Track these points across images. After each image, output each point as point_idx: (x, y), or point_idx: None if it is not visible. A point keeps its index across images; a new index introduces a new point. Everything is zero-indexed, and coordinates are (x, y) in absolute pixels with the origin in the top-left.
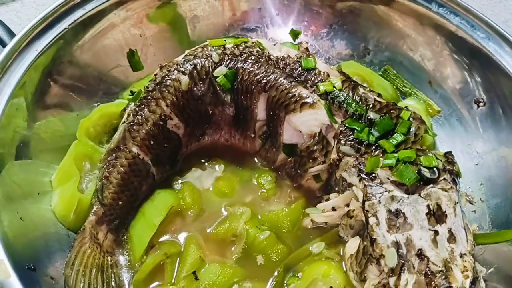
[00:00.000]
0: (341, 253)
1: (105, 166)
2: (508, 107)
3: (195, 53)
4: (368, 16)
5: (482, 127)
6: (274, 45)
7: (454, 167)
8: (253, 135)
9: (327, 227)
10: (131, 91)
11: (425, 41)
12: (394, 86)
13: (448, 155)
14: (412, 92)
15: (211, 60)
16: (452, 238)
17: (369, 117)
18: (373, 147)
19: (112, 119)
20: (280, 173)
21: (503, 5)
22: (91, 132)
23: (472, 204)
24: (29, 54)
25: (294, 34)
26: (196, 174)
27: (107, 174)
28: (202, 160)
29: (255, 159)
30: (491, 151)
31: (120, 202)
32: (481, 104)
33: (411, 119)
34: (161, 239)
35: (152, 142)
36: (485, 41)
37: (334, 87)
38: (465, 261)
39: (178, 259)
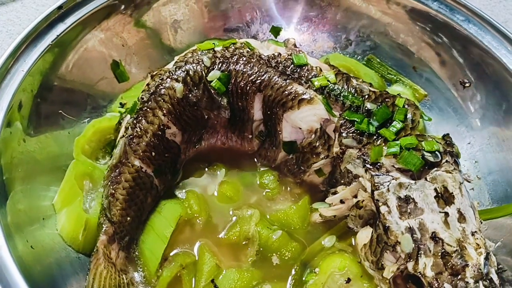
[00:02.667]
0: (353, 244)
1: (109, 183)
2: (492, 85)
3: (186, 59)
4: (347, 7)
5: (470, 107)
6: (261, 42)
7: (453, 149)
8: (250, 136)
9: (335, 220)
10: (121, 103)
11: (405, 28)
12: (379, 74)
13: (446, 138)
14: (398, 79)
15: (203, 65)
16: (462, 217)
17: (366, 108)
18: (375, 137)
19: (106, 134)
20: (281, 171)
21: (503, 5)
22: (87, 149)
23: (469, 182)
24: (16, 75)
25: (275, 31)
26: (198, 181)
27: (113, 191)
28: (202, 166)
29: (255, 159)
30: (482, 129)
31: (128, 218)
32: (467, 84)
33: (406, 106)
34: (173, 251)
35: (153, 154)
36: (465, 23)
37: (328, 81)
38: (477, 238)
39: (194, 269)
